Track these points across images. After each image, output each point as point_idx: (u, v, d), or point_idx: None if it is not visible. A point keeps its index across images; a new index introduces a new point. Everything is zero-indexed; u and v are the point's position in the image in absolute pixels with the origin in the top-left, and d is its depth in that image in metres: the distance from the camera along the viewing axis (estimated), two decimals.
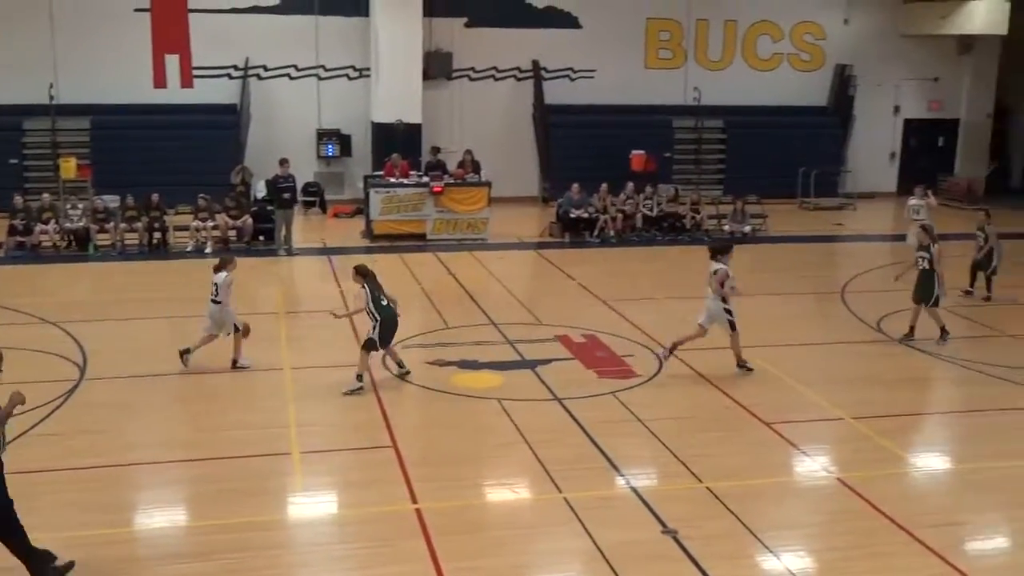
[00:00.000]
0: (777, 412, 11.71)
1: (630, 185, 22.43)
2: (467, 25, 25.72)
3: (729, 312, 13.08)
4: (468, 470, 10.18)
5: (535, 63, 26.12)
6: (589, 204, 22.11)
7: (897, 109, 28.58)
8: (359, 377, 12.12)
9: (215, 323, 12.78)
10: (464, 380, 12.73)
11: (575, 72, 26.47)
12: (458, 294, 17.12)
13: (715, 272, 13.10)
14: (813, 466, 10.46)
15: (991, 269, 17.18)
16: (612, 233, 21.88)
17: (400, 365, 12.68)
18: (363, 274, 12.30)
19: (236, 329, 12.82)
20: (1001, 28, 26.21)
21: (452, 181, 21.80)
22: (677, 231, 22.40)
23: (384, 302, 12.25)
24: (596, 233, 21.82)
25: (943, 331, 14.65)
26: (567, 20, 26.24)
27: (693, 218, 22.58)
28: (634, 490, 9.69)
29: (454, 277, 18.16)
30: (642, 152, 25.15)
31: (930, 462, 10.83)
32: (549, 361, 13.47)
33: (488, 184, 21.88)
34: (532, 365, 13.29)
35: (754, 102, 27.19)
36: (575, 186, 22.21)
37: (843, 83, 27.70)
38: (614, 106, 26.31)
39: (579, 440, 10.85)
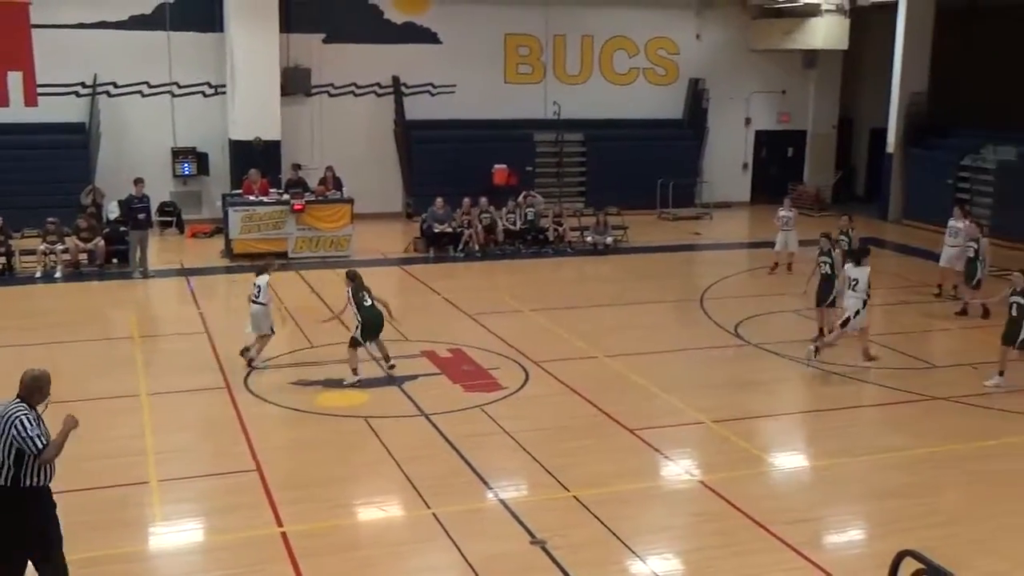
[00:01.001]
0: (641, 418, 11.94)
1: (483, 200, 22.55)
2: (325, 41, 25.49)
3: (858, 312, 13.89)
4: (335, 490, 10.05)
5: (395, 79, 26.07)
6: (453, 218, 22.17)
7: (748, 121, 29.59)
8: (354, 371, 13.01)
9: (256, 324, 13.55)
10: (329, 399, 12.57)
11: (435, 87, 26.52)
12: (322, 312, 16.89)
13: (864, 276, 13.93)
14: (676, 470, 10.70)
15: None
16: (476, 247, 21.97)
17: (386, 359, 13.44)
18: (350, 277, 13.27)
19: (272, 331, 13.68)
20: (842, 43, 27.46)
21: (313, 198, 21.54)
22: (540, 244, 22.64)
23: (368, 303, 13.06)
24: (460, 247, 21.87)
25: (821, 331, 15.25)
26: (426, 36, 26.29)
27: (556, 230, 22.86)
28: (502, 502, 9.73)
29: (318, 295, 17.94)
30: (504, 166, 25.38)
31: (786, 461, 11.22)
32: (415, 377, 13.42)
33: (350, 201, 21.70)
34: (398, 382, 13.22)
35: (612, 116, 27.75)
36: (439, 201, 22.22)
37: (697, 96, 28.53)
38: (475, 121, 26.46)
39: (447, 455, 10.83)
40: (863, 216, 26.71)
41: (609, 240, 22.62)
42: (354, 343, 13.07)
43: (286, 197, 21.40)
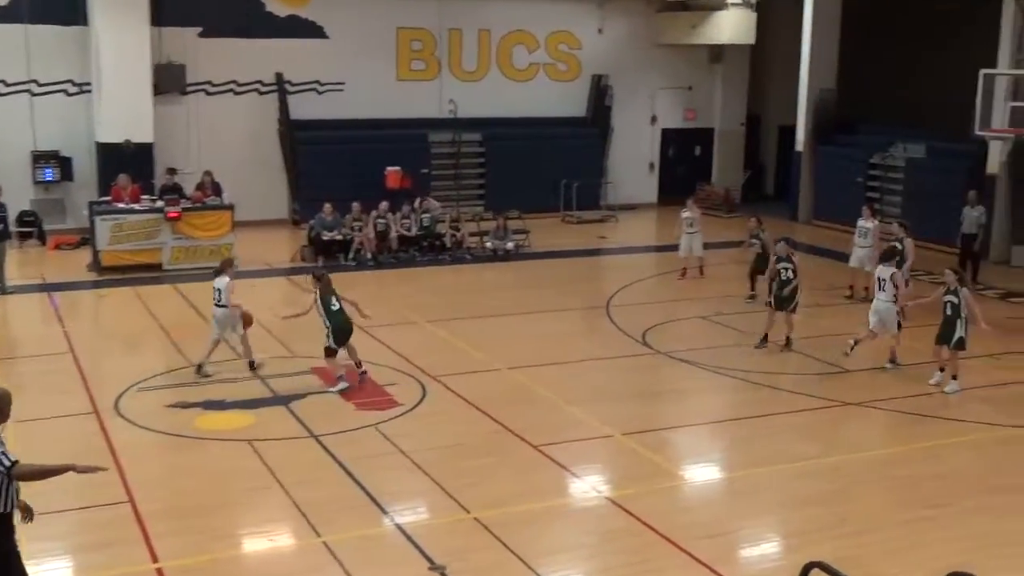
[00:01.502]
0: (545, 433, 12.00)
1: (383, 204, 22.47)
2: (202, 35, 25.07)
3: (899, 313, 14.50)
4: (216, 520, 9.87)
5: (278, 76, 25.79)
6: (343, 225, 22.01)
7: (654, 119, 30.05)
8: (340, 378, 13.39)
9: (221, 326, 14.01)
10: (210, 422, 12.36)
11: (322, 85, 26.32)
12: (201, 328, 16.57)
13: (891, 276, 14.43)
14: (583, 486, 10.79)
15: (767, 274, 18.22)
16: (369, 255, 21.84)
17: (358, 365, 13.71)
18: (317, 278, 13.71)
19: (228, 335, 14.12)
20: (748, 38, 28.12)
21: (190, 205, 21.17)
22: (437, 251, 22.62)
23: (335, 307, 13.41)
24: (351, 255, 21.72)
25: (788, 340, 15.68)
26: (312, 30, 26.07)
27: (454, 236, 22.87)
28: (399, 527, 9.67)
29: (196, 310, 17.61)
30: (397, 168, 25.30)
31: (698, 473, 11.41)
32: (304, 395, 13.29)
33: (231, 207, 21.38)
34: (285, 401, 13.07)
35: (512, 114, 27.89)
36: (327, 206, 22.05)
37: (600, 93, 28.87)
38: (366, 120, 26.33)
39: (339, 478, 10.73)
40: (772, 217, 27.32)
41: (510, 245, 22.71)
42: (330, 353, 13.42)
43: (160, 204, 20.98)
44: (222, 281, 14.02)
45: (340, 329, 13.46)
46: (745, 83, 30.67)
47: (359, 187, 23.91)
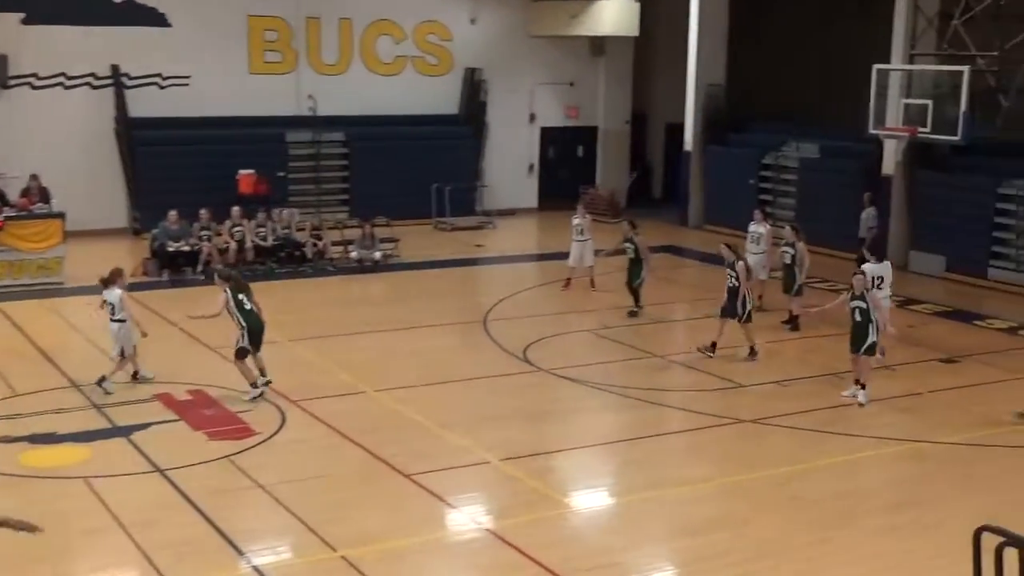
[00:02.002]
0: (419, 461, 11.96)
1: (235, 210, 22.13)
2: (25, 22, 24.38)
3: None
4: (45, 569, 9.54)
5: (115, 68, 25.22)
6: (190, 234, 21.61)
7: (533, 117, 30.31)
8: (254, 385, 13.75)
9: (121, 341, 14.11)
10: (38, 458, 11.99)
11: (165, 79, 25.82)
12: (28, 353, 16.11)
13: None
14: (461, 518, 10.78)
15: (639, 282, 18.53)
16: (220, 267, 21.47)
17: (262, 373, 13.94)
18: (226, 278, 14.02)
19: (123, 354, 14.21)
20: (632, 29, 28.59)
21: (14, 213, 20.57)
22: (297, 262, 22.38)
23: (248, 307, 13.78)
24: (201, 268, 21.35)
25: (752, 350, 16.02)
26: (152, 17, 25.58)
27: (315, 246, 22.66)
28: (257, 569, 9.53)
29: (22, 332, 17.11)
30: (251, 172, 24.95)
31: (585, 500, 11.50)
32: (147, 425, 13.00)
33: (61, 215, 20.83)
34: (126, 432, 12.77)
35: (378, 111, 27.79)
36: (172, 214, 21.65)
37: (474, 89, 28.99)
38: (215, 118, 25.92)
39: (188, 517, 10.51)
40: (661, 222, 27.90)
41: (377, 255, 22.61)
42: (242, 354, 13.79)
43: None
44: (113, 294, 14.16)
45: (255, 330, 13.84)
46: (630, 78, 31.17)
47: (208, 192, 23.50)
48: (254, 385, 13.83)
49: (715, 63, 27.95)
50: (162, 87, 25.88)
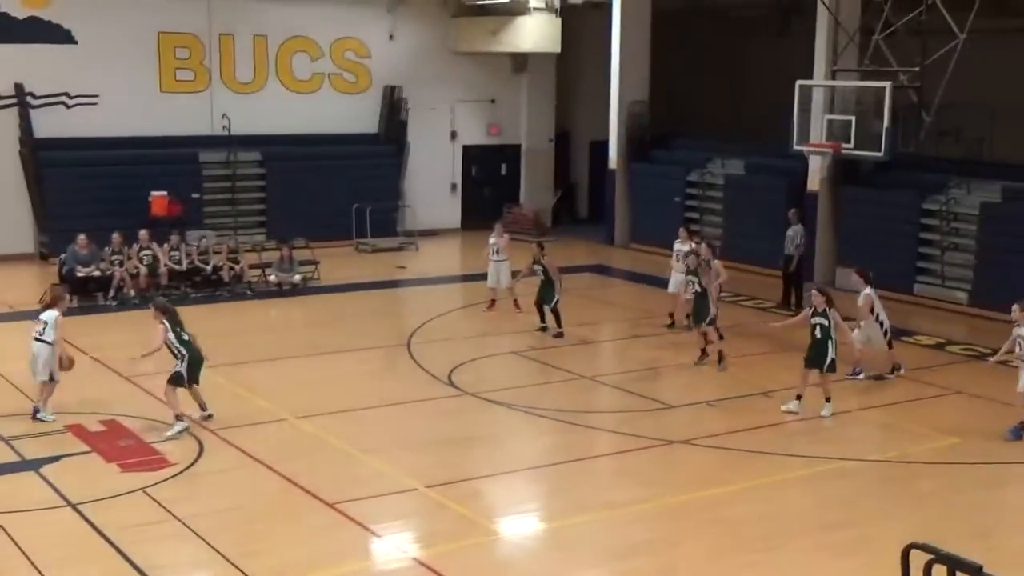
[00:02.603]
0: (341, 489, 11.92)
1: (143, 233, 21.90)
2: None
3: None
4: None
5: (18, 87, 24.87)
6: (101, 259, 21.34)
7: (454, 135, 30.41)
8: (179, 418, 13.54)
9: (37, 367, 13.88)
10: None
11: (72, 98, 25.51)
12: None
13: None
14: (386, 547, 10.76)
15: (554, 303, 18.65)
16: (133, 293, 21.24)
17: (203, 408, 14.01)
18: (162, 310, 13.99)
19: (55, 378, 13.98)
20: (554, 46, 28.84)
21: None
22: (213, 286, 22.19)
23: (186, 338, 13.82)
24: (112, 294, 21.08)
25: (720, 356, 16.45)
26: (58, 34, 25.25)
27: (231, 269, 22.49)
28: None
29: None
30: (164, 193, 24.71)
31: (513, 526, 11.53)
32: (58, 458, 12.80)
33: None
34: (36, 466, 12.56)
35: (295, 130, 27.71)
36: (81, 238, 21.36)
37: (394, 107, 29.02)
38: (125, 138, 25.66)
39: (102, 552, 10.37)
40: (587, 241, 28.13)
41: (296, 279, 22.50)
42: (177, 380, 13.69)
43: None
44: (50, 314, 14.04)
45: (195, 360, 13.87)
46: (553, 96, 31.41)
47: (119, 215, 23.27)
48: (179, 418, 13.59)
49: (638, 80, 28.27)
50: (69, 106, 25.56)
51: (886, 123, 19.70)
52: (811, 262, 23.14)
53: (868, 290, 16.41)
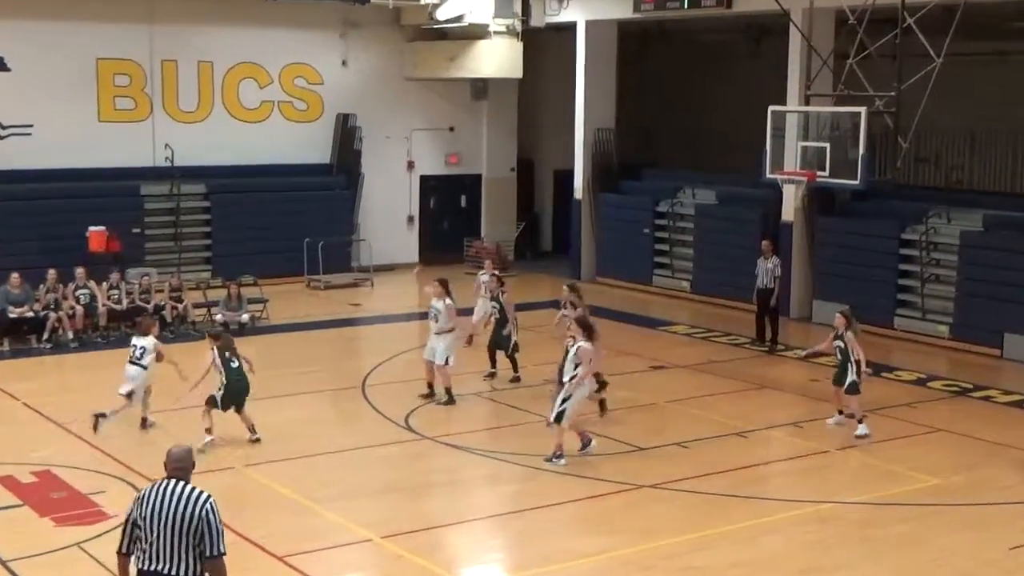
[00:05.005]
0: (292, 541, 11.89)
1: (79, 271, 21.80)
2: None
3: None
4: None
5: None
6: (35, 299, 21.23)
7: (411, 165, 30.50)
8: (208, 431, 14.87)
9: (135, 385, 15.51)
10: None
11: (4, 128, 25.40)
12: None
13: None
14: None
15: (511, 347, 18.61)
16: (70, 335, 21.12)
17: (251, 431, 15.23)
18: (214, 336, 15.48)
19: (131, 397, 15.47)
20: (515, 71, 29.01)
21: None
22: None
23: (235, 364, 15.07)
24: (47, 336, 20.97)
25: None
26: None
27: (175, 309, 22.41)
28: None
29: None
30: (102, 229, 24.60)
31: None
32: None
33: None
34: None
35: (242, 161, 27.68)
36: (14, 277, 21.26)
37: (347, 136, 29.07)
38: (61, 171, 25.52)
39: None
40: (551, 275, 28.18)
41: (245, 318, 22.46)
42: (211, 402, 14.98)
43: None
44: (148, 341, 15.66)
45: (231, 391, 14.99)
46: (514, 123, 31.59)
47: (55, 252, 23.17)
48: (209, 431, 14.90)
49: (604, 106, 28.50)
50: (1, 137, 25.47)
51: (862, 150, 19.89)
52: (787, 295, 23.32)
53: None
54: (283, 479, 13.86)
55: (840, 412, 16.14)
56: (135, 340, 15.83)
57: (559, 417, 14.42)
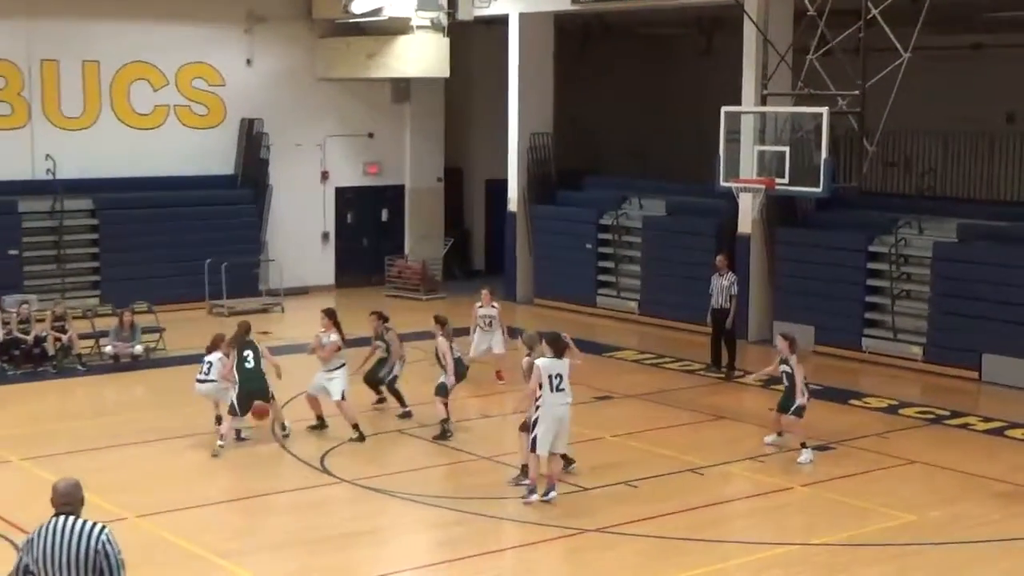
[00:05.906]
0: None
1: None
2: None
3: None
4: None
5: None
6: None
7: (326, 175, 30.46)
8: (221, 436, 16.52)
9: (217, 398, 17.19)
10: None
11: None
12: None
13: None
14: None
15: (391, 378, 18.79)
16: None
17: (283, 427, 17.21)
18: (228, 342, 16.90)
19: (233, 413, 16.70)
20: (441, 70, 29.03)
21: None
22: (36, 361, 21.85)
23: (250, 364, 16.50)
24: None
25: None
26: None
27: (58, 340, 22.18)
28: None
29: None
30: None
31: None
32: None
33: None
34: None
35: (135, 172, 27.50)
36: None
37: (253, 143, 28.97)
38: None
39: None
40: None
41: (138, 349, 22.27)
42: (231, 411, 16.49)
43: None
44: (215, 355, 17.10)
45: (246, 386, 16.42)
46: (441, 128, 31.67)
47: None
48: (222, 437, 16.59)
49: (541, 108, 28.63)
50: None
51: (824, 154, 20.11)
52: (744, 316, 23.46)
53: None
54: (182, 530, 13.71)
55: (779, 434, 16.99)
56: (206, 357, 17.32)
57: (534, 445, 14.49)
